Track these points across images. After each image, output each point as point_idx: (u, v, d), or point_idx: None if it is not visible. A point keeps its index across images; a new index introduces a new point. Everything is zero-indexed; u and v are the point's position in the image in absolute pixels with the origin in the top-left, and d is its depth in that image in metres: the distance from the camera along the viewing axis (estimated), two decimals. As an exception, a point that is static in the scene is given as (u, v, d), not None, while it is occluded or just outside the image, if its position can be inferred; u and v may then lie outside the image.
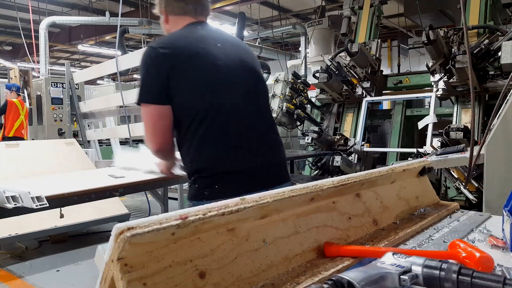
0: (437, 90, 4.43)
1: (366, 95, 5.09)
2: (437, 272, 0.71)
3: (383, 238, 1.06)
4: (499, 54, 3.85)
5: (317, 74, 5.02)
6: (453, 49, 4.12)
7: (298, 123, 5.46)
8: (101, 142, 8.18)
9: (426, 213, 1.31)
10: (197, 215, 0.68)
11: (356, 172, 1.16)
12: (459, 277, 0.69)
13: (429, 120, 4.31)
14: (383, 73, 5.51)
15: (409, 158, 3.83)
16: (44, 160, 4.33)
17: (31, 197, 2.05)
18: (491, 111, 2.50)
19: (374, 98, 5.14)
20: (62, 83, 7.36)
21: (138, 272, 0.62)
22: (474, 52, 3.85)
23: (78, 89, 6.62)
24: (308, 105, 5.58)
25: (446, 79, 4.25)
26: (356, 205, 1.11)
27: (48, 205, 2.13)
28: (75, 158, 4.64)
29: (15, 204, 2.06)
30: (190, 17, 1.70)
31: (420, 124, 4.40)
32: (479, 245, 1.02)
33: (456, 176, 3.75)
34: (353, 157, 4.79)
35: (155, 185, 3.24)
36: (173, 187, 4.75)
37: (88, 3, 11.32)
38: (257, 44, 11.73)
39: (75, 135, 6.34)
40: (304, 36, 10.10)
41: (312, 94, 6.20)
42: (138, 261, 0.62)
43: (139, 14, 10.23)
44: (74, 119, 6.18)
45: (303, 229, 0.93)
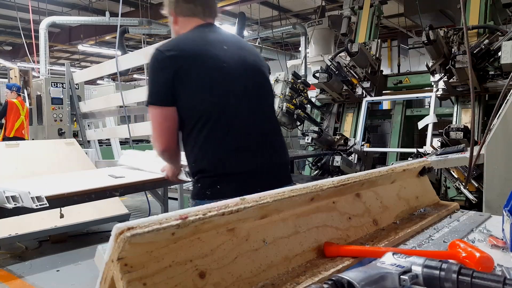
0: (437, 90, 4.42)
1: (366, 95, 5.09)
2: (437, 272, 0.71)
3: (383, 238, 1.06)
4: (499, 54, 3.84)
5: (317, 74, 5.02)
6: (453, 49, 4.12)
7: (298, 123, 5.45)
8: (101, 142, 8.19)
9: (426, 213, 1.31)
10: (197, 215, 0.68)
11: (356, 172, 1.16)
12: (459, 277, 0.69)
13: (429, 120, 4.31)
14: (383, 73, 5.50)
15: (409, 158, 3.83)
16: (44, 160, 4.33)
17: (31, 197, 2.05)
18: (491, 111, 2.50)
19: (374, 98, 5.14)
20: (62, 83, 7.35)
21: (138, 272, 0.62)
22: (474, 52, 3.85)
23: (78, 89, 6.61)
24: (308, 105, 5.57)
25: (446, 79, 4.24)
26: (356, 205, 1.11)
27: (48, 205, 2.14)
28: (75, 158, 4.64)
29: (15, 204, 2.07)
30: (199, 19, 1.73)
31: (420, 124, 4.40)
32: (479, 245, 1.02)
33: (456, 176, 3.75)
34: (353, 157, 4.78)
35: (155, 185, 3.25)
36: (173, 187, 4.74)
37: (88, 3, 11.31)
38: (257, 44, 11.71)
39: (75, 135, 6.34)
40: (304, 36, 10.09)
41: (312, 94, 6.19)
42: (138, 261, 0.62)
43: (139, 14, 10.21)
44: (74, 119, 6.18)
45: (303, 229, 0.93)
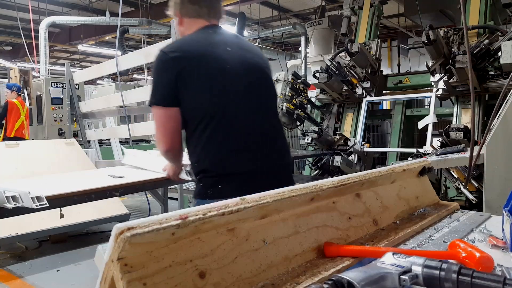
0: (437, 90, 4.42)
1: (366, 95, 5.08)
2: (437, 272, 0.71)
3: (383, 238, 1.06)
4: (499, 54, 3.84)
5: (317, 74, 5.01)
6: (453, 49, 4.12)
7: (298, 123, 5.45)
8: (101, 142, 8.19)
9: (426, 213, 1.31)
10: (197, 215, 0.68)
11: (356, 172, 1.16)
12: (459, 277, 0.69)
13: (429, 120, 4.30)
14: (383, 73, 5.49)
15: (409, 158, 3.83)
16: (44, 160, 4.33)
17: (31, 197, 2.05)
18: (491, 111, 2.49)
19: (374, 98, 5.14)
20: (62, 83, 7.35)
21: (138, 272, 0.62)
22: (474, 52, 3.84)
23: (78, 89, 6.60)
24: (308, 105, 5.57)
25: (446, 79, 4.24)
26: (356, 205, 1.11)
27: (48, 205, 2.14)
28: (75, 158, 4.64)
29: (15, 204, 2.07)
30: (204, 20, 1.75)
31: (420, 124, 4.39)
32: (479, 245, 1.02)
33: (456, 176, 3.75)
34: (353, 157, 4.78)
35: (155, 185, 3.25)
36: (173, 187, 4.74)
37: (88, 3, 11.31)
38: (257, 44, 11.71)
39: (75, 135, 6.33)
40: (304, 36, 10.09)
41: (312, 94, 6.19)
42: (138, 261, 0.62)
43: (139, 14, 10.21)
44: (74, 119, 6.17)
45: (303, 229, 0.93)
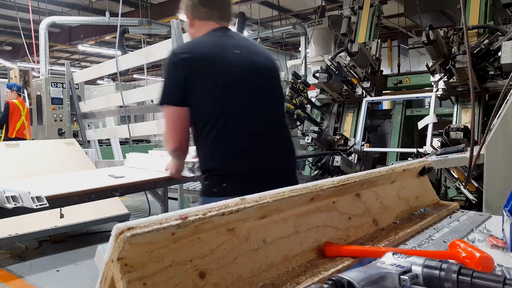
0: (437, 90, 4.42)
1: (366, 95, 5.08)
2: (437, 272, 0.71)
3: (383, 238, 1.06)
4: (499, 54, 3.84)
5: (317, 74, 5.01)
6: (453, 49, 4.12)
7: (298, 123, 5.45)
8: (101, 142, 8.19)
9: (426, 213, 1.31)
10: (197, 215, 0.68)
11: (356, 172, 1.16)
12: (459, 277, 0.69)
13: (429, 120, 4.30)
14: (383, 73, 5.50)
15: (409, 158, 3.83)
16: (44, 160, 4.33)
17: (31, 197, 2.05)
18: (491, 111, 2.49)
19: (374, 98, 5.14)
20: (62, 83, 7.35)
21: (138, 272, 0.62)
22: (474, 52, 3.84)
23: (78, 89, 6.60)
24: (308, 105, 5.56)
25: (446, 79, 4.24)
26: (356, 205, 1.11)
27: (48, 205, 2.13)
28: (75, 158, 4.64)
29: (15, 204, 2.07)
30: (214, 23, 1.78)
31: (420, 124, 4.39)
32: (479, 245, 1.02)
33: (456, 176, 3.74)
34: (353, 157, 4.78)
35: (155, 185, 3.25)
36: (173, 187, 4.73)
37: (88, 3, 11.31)
38: (257, 44, 11.71)
39: (75, 135, 6.33)
40: (304, 36, 10.09)
41: (312, 94, 6.18)
42: (138, 261, 0.62)
43: (139, 14, 10.21)
44: (74, 119, 6.17)
45: (303, 229, 0.93)
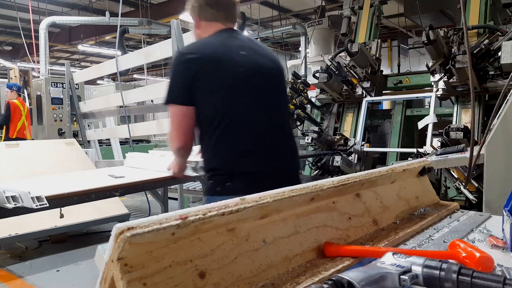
0: (437, 90, 4.42)
1: (366, 95, 5.08)
2: (437, 272, 0.71)
3: (383, 238, 1.06)
4: (499, 54, 3.83)
5: (317, 74, 5.01)
6: (453, 49, 4.11)
7: (298, 123, 5.44)
8: (101, 142, 8.18)
9: (426, 213, 1.31)
10: (197, 215, 0.68)
11: (356, 172, 1.16)
12: (459, 277, 0.69)
13: (429, 120, 4.30)
14: (383, 73, 5.49)
15: (409, 158, 3.83)
16: (44, 160, 4.33)
17: (31, 197, 2.05)
18: (491, 111, 2.49)
19: (374, 98, 5.13)
20: (62, 83, 7.35)
21: (138, 272, 0.62)
22: (474, 52, 3.84)
23: (78, 89, 6.60)
24: (308, 105, 5.56)
25: (446, 79, 4.24)
26: (356, 205, 1.11)
27: (48, 205, 2.14)
28: (75, 158, 4.64)
29: (15, 204, 2.07)
30: (220, 24, 1.81)
31: (420, 124, 4.39)
32: (479, 245, 1.02)
33: (456, 176, 3.74)
34: (353, 157, 4.78)
35: (155, 185, 3.25)
36: (173, 187, 4.74)
37: (88, 3, 11.32)
38: (257, 44, 11.70)
39: (75, 135, 6.34)
40: (304, 36, 10.09)
41: (312, 94, 6.18)
42: (138, 261, 0.62)
43: (139, 14, 10.21)
44: (74, 119, 6.18)
45: (303, 229, 0.93)
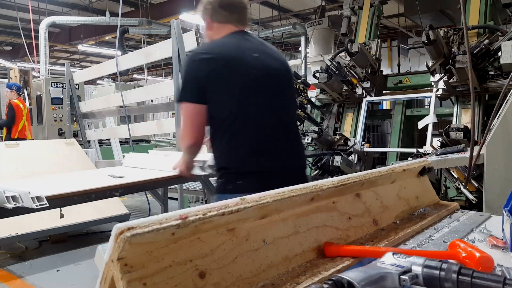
0: (437, 90, 4.41)
1: (366, 95, 5.08)
2: (437, 272, 0.71)
3: (383, 238, 1.06)
4: (499, 54, 3.83)
5: (317, 74, 5.01)
6: (453, 49, 4.11)
7: (298, 123, 5.44)
8: (101, 142, 8.18)
9: (426, 213, 1.31)
10: (197, 215, 0.68)
11: (356, 172, 1.16)
12: (459, 277, 0.69)
13: (429, 120, 4.30)
14: (383, 73, 5.49)
15: (409, 158, 3.83)
16: (44, 160, 4.33)
17: (31, 197, 2.05)
18: (491, 111, 2.49)
19: (374, 98, 5.13)
20: (62, 83, 7.34)
21: (138, 272, 0.62)
22: (474, 52, 3.84)
23: (78, 89, 6.60)
24: (308, 105, 5.56)
25: (446, 79, 4.24)
26: (356, 205, 1.11)
27: (48, 205, 2.14)
28: (75, 158, 4.64)
29: (15, 204, 2.07)
30: (233, 26, 1.86)
31: (420, 124, 4.39)
32: (479, 245, 1.02)
33: (456, 176, 3.74)
34: (353, 157, 4.78)
35: (155, 185, 3.25)
36: (173, 187, 4.74)
37: (88, 3, 11.32)
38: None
39: (75, 135, 6.34)
40: (304, 36, 10.09)
41: (312, 94, 6.18)
42: (138, 261, 0.62)
43: (139, 14, 10.22)
44: (74, 119, 6.18)
45: (303, 229, 0.92)
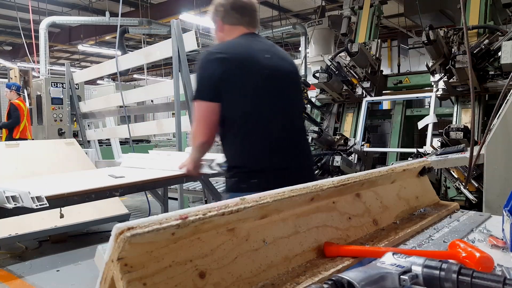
0: (437, 90, 4.41)
1: (366, 95, 5.08)
2: (437, 272, 0.71)
3: (383, 238, 1.06)
4: (499, 54, 3.83)
5: (317, 74, 5.01)
6: (453, 49, 4.11)
7: (300, 123, 5.44)
8: (101, 142, 8.18)
9: (426, 213, 1.31)
10: (197, 215, 0.68)
11: (356, 172, 1.16)
12: (459, 277, 0.69)
13: (429, 120, 4.30)
14: (383, 73, 5.48)
15: (409, 158, 3.83)
16: (44, 160, 4.33)
17: (31, 197, 2.05)
18: (491, 111, 2.49)
19: (374, 98, 5.13)
20: (62, 83, 7.34)
21: (138, 272, 0.62)
22: (474, 52, 3.84)
23: (78, 89, 6.60)
24: (308, 105, 5.56)
25: (446, 79, 4.24)
26: (356, 205, 1.11)
27: (48, 205, 2.14)
28: (75, 158, 4.64)
29: (15, 204, 2.07)
30: (244, 28, 1.92)
31: (420, 124, 4.39)
32: (479, 245, 1.02)
33: (456, 176, 3.74)
34: (353, 157, 4.78)
35: (155, 185, 3.24)
36: (173, 187, 4.73)
37: (88, 3, 11.31)
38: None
39: (75, 135, 6.34)
40: (304, 36, 10.09)
41: (312, 94, 6.18)
42: (138, 261, 0.62)
43: (139, 14, 10.22)
44: (74, 119, 6.18)
45: (303, 229, 0.92)
